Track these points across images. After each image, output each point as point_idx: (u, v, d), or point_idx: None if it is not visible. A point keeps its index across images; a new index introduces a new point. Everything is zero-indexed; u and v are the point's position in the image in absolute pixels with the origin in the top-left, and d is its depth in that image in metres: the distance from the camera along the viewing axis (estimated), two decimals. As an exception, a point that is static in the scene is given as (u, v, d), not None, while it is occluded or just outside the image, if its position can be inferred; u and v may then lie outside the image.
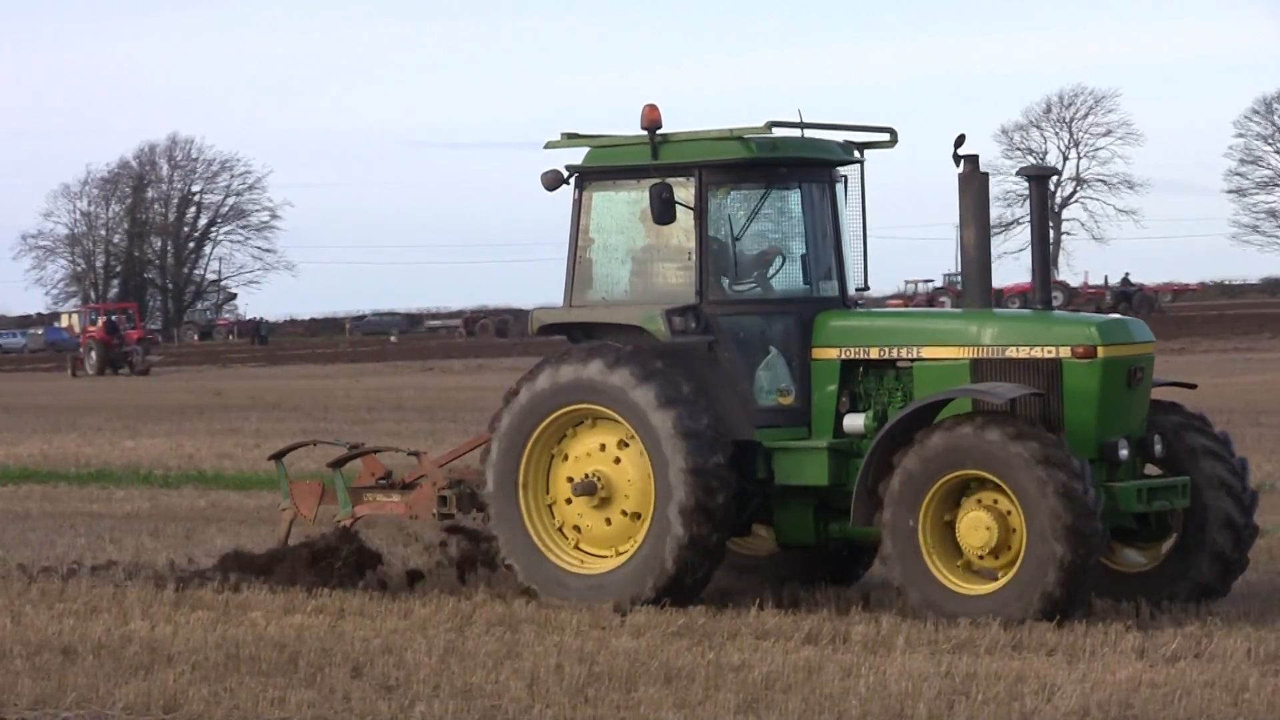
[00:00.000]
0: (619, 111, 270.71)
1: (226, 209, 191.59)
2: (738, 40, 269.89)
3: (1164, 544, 20.30)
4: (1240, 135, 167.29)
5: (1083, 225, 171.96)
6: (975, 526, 19.25)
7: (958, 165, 20.34)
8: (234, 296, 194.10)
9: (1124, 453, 19.69)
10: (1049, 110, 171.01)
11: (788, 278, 21.16)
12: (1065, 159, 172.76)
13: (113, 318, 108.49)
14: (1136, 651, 18.59)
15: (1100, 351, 19.63)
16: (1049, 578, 18.76)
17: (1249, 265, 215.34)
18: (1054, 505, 18.64)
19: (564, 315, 21.43)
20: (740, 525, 21.00)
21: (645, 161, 20.92)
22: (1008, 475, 18.97)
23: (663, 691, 17.26)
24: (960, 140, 20.23)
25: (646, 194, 20.75)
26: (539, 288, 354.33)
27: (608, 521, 20.68)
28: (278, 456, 24.11)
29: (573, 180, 21.34)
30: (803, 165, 21.11)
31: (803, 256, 21.21)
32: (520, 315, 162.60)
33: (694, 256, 20.79)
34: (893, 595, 19.76)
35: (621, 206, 21.32)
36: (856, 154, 21.34)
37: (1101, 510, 18.91)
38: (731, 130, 20.70)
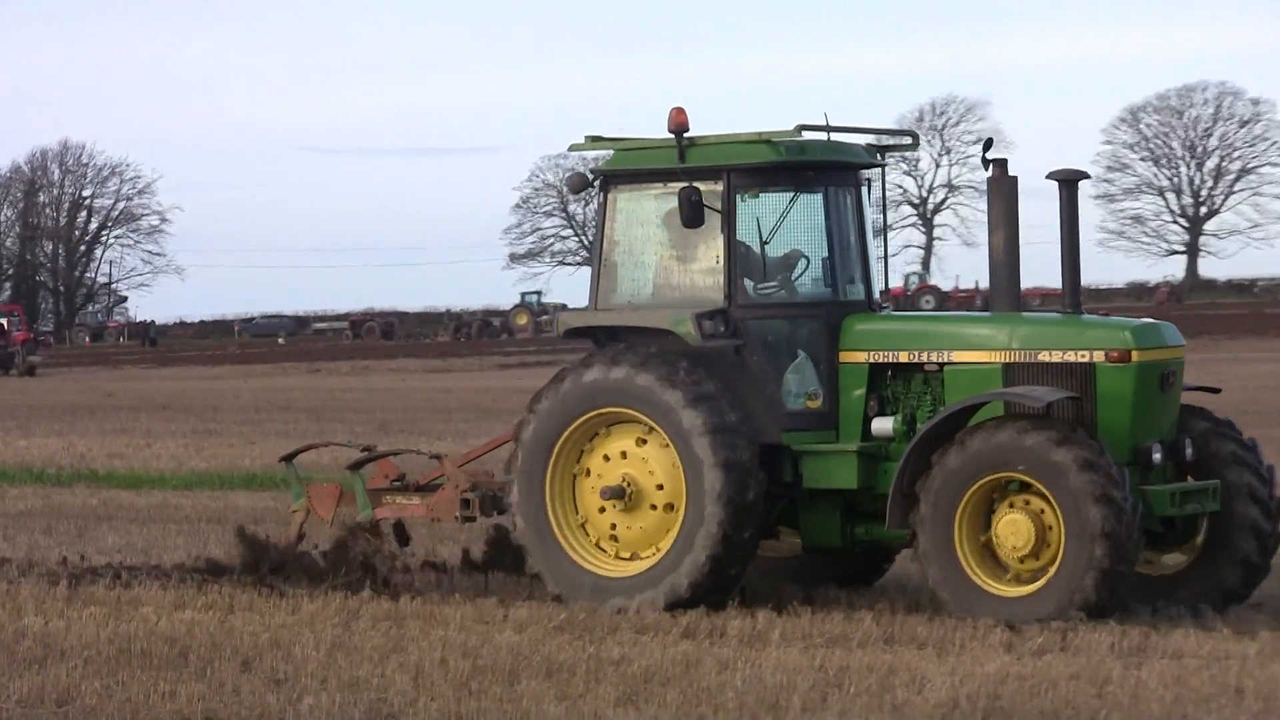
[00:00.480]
0: (518, 119, 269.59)
1: (117, 213, 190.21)
2: (621, 45, 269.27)
3: (1188, 548, 20.17)
4: (1108, 143, 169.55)
5: (954, 230, 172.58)
6: (1013, 529, 19.08)
7: (986, 169, 20.22)
8: (124, 299, 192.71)
9: (1157, 456, 19.53)
10: (921, 118, 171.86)
11: (814, 281, 20.91)
12: (938, 166, 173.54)
13: (0, 320, 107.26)
14: (1004, 645, 18.75)
15: (1134, 356, 19.51)
16: (1087, 582, 18.64)
17: (1115, 269, 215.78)
18: (1094, 511, 18.52)
19: (591, 319, 21.14)
20: (767, 527, 20.73)
21: (672, 165, 20.61)
22: (1049, 479, 18.79)
23: (544, 685, 17.31)
24: (989, 144, 20.13)
25: (673, 197, 20.51)
26: (423, 290, 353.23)
27: (640, 524, 20.55)
28: (289, 458, 23.89)
29: (598, 184, 21.03)
30: (830, 169, 20.87)
31: (829, 260, 20.92)
32: (405, 317, 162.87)
33: (721, 260, 20.47)
34: (926, 595, 19.87)
35: (647, 209, 20.99)
36: (879, 157, 21.04)
37: (1139, 516, 18.76)
38: (760, 134, 20.44)
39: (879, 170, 21.17)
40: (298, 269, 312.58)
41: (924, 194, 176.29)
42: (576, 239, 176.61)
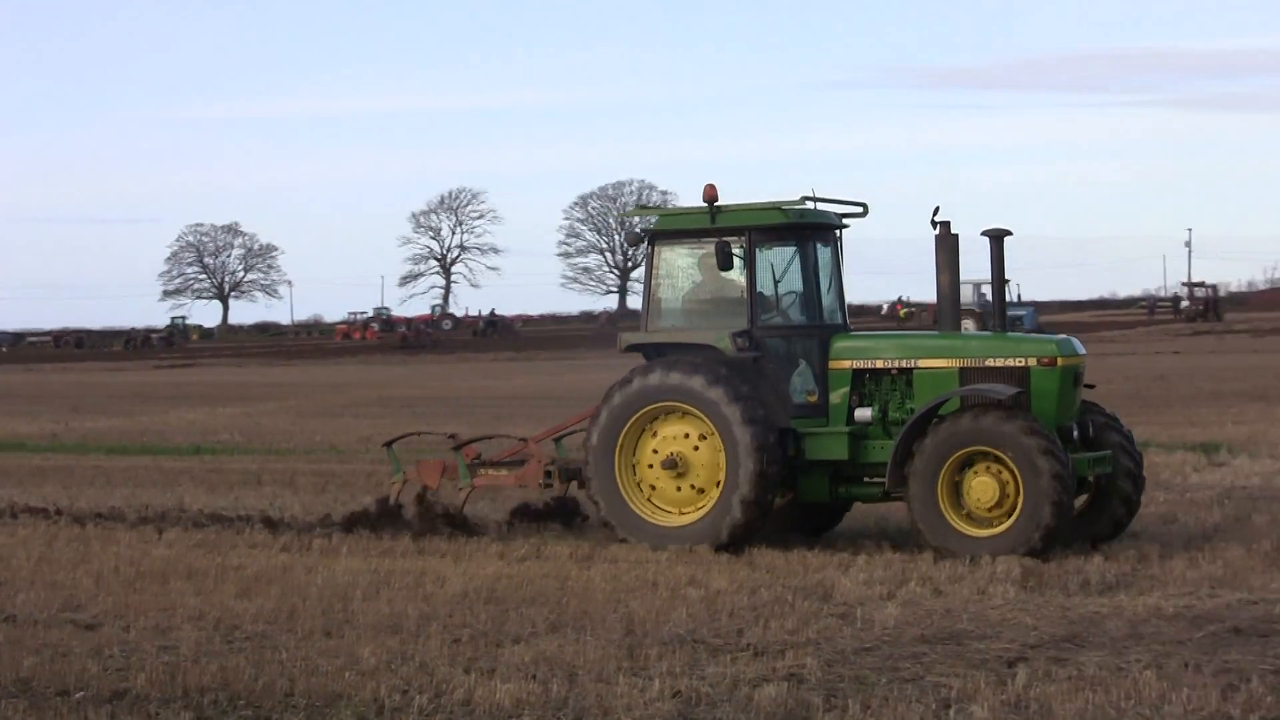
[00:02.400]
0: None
1: None
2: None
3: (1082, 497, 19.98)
4: (566, 219, 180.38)
5: (465, 277, 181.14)
6: (982, 488, 18.72)
7: (935, 229, 19.96)
8: None
9: (1075, 434, 19.53)
10: (443, 201, 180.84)
11: (809, 310, 20.59)
12: (453, 233, 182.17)
13: None
14: (498, 554, 19.60)
15: (1059, 361, 19.45)
16: (1046, 516, 18.34)
17: (572, 302, 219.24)
18: (1049, 481, 18.39)
19: (648, 337, 20.65)
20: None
21: (705, 225, 20.38)
22: (1017, 455, 18.53)
23: (186, 584, 17.92)
24: (936, 210, 20.02)
25: (705, 250, 20.45)
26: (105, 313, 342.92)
27: (678, 489, 19.96)
28: (389, 444, 23.11)
29: (647, 240, 20.77)
30: (821, 229, 20.71)
31: (821, 295, 20.64)
32: (92, 333, 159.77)
33: (745, 294, 20.21)
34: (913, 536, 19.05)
35: (684, 259, 20.77)
36: (844, 221, 21.11)
37: (1073, 470, 18.87)
38: (773, 203, 20.36)
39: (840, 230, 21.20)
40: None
41: (445, 251, 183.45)
42: (211, 281, 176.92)
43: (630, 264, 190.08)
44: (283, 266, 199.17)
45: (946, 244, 19.90)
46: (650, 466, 20.03)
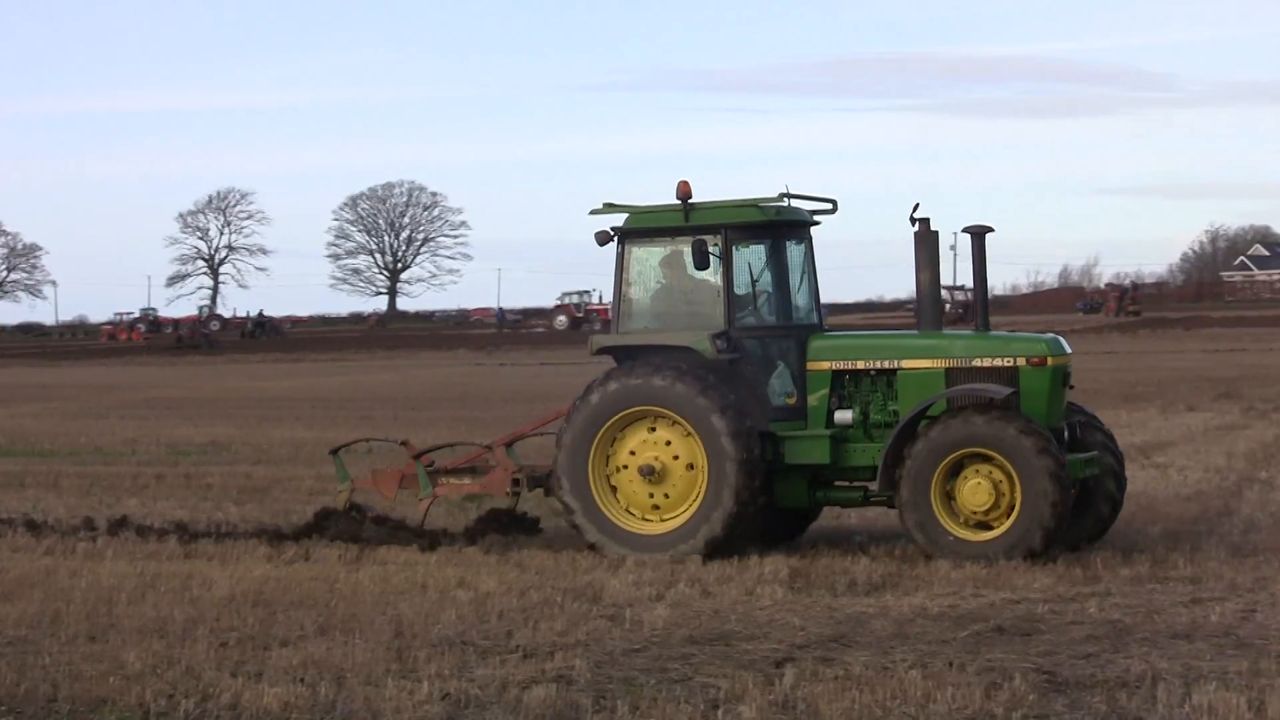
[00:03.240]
0: None
1: None
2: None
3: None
4: (336, 220, 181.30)
5: (233, 278, 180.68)
6: (976, 490, 18.23)
7: (914, 226, 19.40)
8: None
9: (1066, 435, 19.12)
10: (211, 201, 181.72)
11: (786, 310, 20.04)
12: (221, 234, 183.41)
13: None
14: (266, 557, 19.14)
15: (1049, 361, 18.93)
16: (1036, 534, 17.93)
17: (341, 304, 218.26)
18: (1047, 483, 17.93)
19: (620, 339, 19.92)
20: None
21: (679, 224, 19.67)
22: (1013, 456, 18.06)
23: None
24: (916, 207, 19.46)
25: (677, 249, 19.81)
26: None
27: (653, 496, 19.21)
28: (335, 451, 21.99)
29: (617, 239, 19.99)
30: (797, 226, 20.12)
31: (796, 294, 20.12)
32: None
33: (721, 294, 19.51)
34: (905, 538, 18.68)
35: (656, 259, 20.03)
36: (816, 218, 20.49)
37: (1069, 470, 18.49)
38: (750, 200, 19.67)
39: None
40: None
41: (213, 252, 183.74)
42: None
43: (401, 265, 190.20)
44: (46, 266, 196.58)
45: (926, 242, 19.36)
46: (624, 471, 19.29)
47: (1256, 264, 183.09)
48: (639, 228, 19.87)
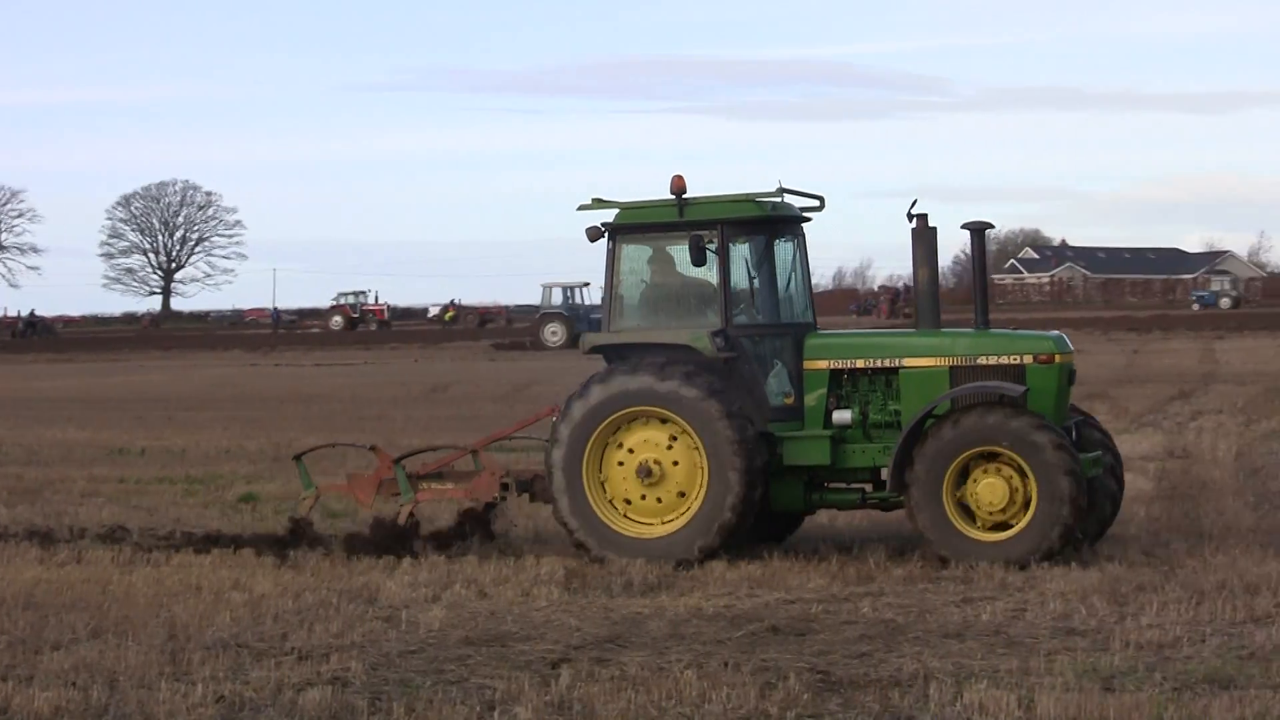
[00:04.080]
0: None
1: None
2: None
3: None
4: (109, 219, 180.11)
5: (4, 277, 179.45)
6: (990, 490, 17.80)
7: (911, 222, 18.99)
8: None
9: (1073, 434, 18.74)
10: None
11: (782, 307, 19.52)
12: None
13: None
14: (38, 560, 18.74)
15: (1057, 358, 18.57)
16: (1054, 534, 17.54)
17: (115, 303, 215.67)
18: (1064, 481, 17.55)
19: (614, 338, 19.29)
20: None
21: (673, 219, 19.14)
22: (1028, 454, 17.64)
23: None
24: (913, 203, 18.98)
25: (669, 244, 19.32)
26: None
27: (647, 498, 18.64)
28: (299, 456, 21.07)
29: (607, 235, 19.33)
30: (791, 221, 19.62)
31: (792, 291, 19.65)
32: None
33: (719, 292, 18.98)
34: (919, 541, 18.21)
35: (648, 255, 19.49)
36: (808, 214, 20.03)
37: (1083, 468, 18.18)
38: (746, 195, 19.10)
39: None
40: None
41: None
42: None
43: (175, 265, 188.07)
44: None
45: (924, 238, 18.98)
46: (619, 471, 18.72)
47: (1027, 267, 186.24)
48: (630, 223, 19.37)
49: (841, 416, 18.92)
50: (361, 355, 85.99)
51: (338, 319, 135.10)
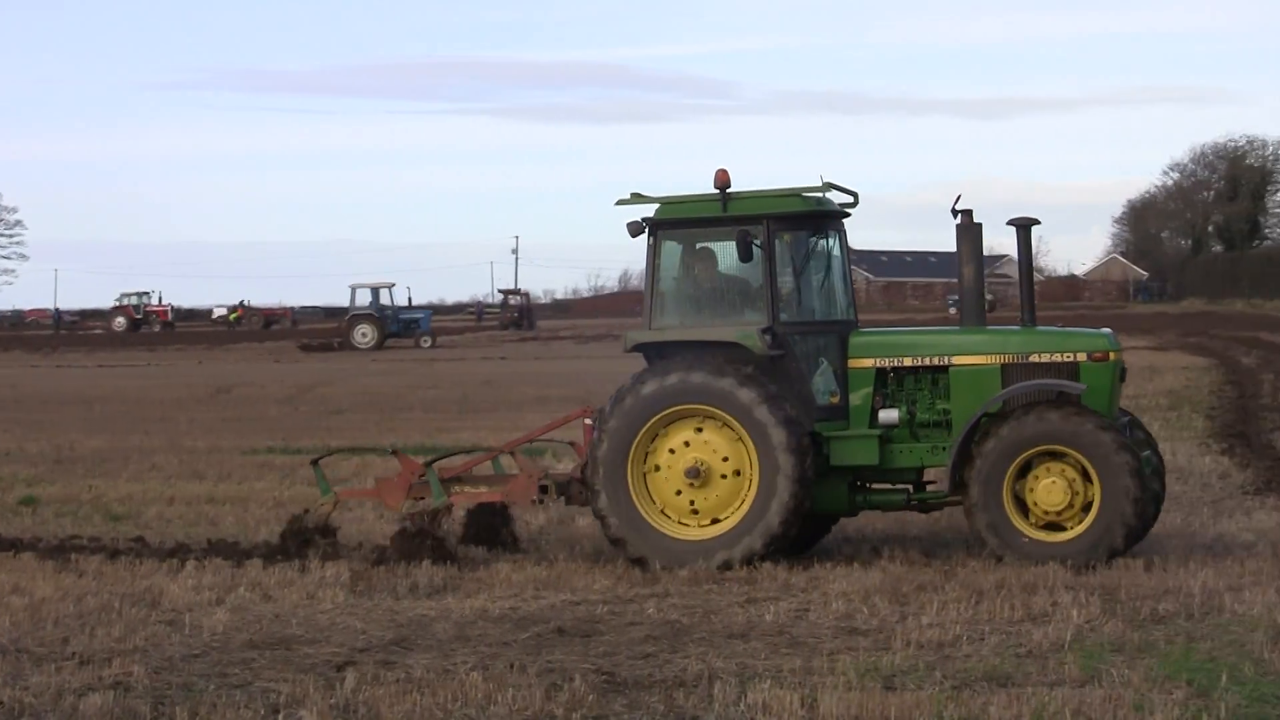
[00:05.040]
0: None
1: None
2: None
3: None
4: None
5: None
6: (1051, 489, 17.48)
7: (955, 218, 18.64)
8: None
9: (1127, 433, 18.39)
10: None
11: (827, 304, 19.12)
12: None
13: None
14: None
15: (1111, 355, 18.27)
16: (1118, 533, 17.30)
17: None
18: (1128, 480, 17.29)
19: (658, 335, 18.70)
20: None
21: (716, 214, 18.62)
22: (1092, 453, 17.35)
23: None
24: (957, 199, 18.65)
25: (714, 240, 18.82)
26: None
27: (702, 501, 18.14)
28: (316, 462, 20.25)
29: (648, 230, 18.82)
30: (834, 216, 19.13)
31: (835, 287, 19.19)
32: None
33: (766, 288, 18.50)
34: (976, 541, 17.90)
35: (690, 250, 18.95)
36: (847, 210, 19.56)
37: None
38: (792, 189, 18.67)
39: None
40: None
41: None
42: None
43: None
44: None
45: (969, 234, 18.64)
46: (660, 473, 18.25)
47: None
48: (671, 218, 18.86)
49: (888, 415, 18.58)
50: (145, 356, 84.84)
51: (120, 320, 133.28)
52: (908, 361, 18.66)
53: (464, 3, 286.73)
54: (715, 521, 18.18)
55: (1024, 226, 18.88)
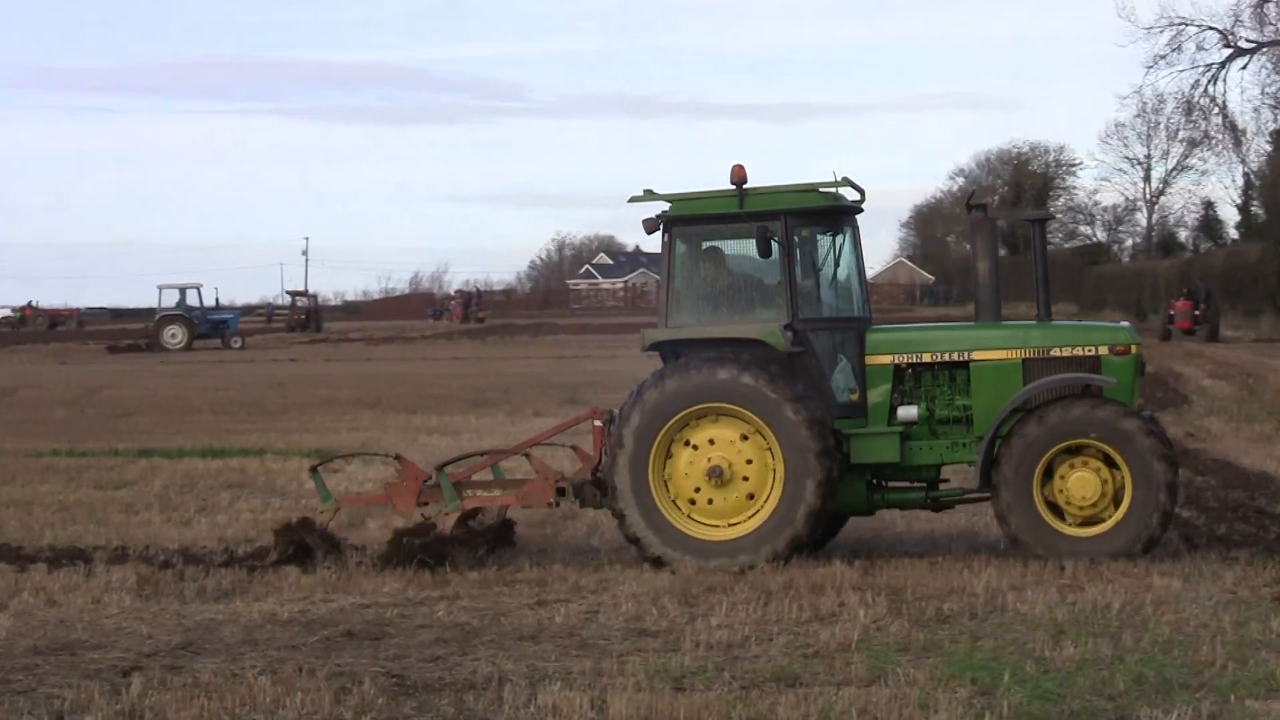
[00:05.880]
0: None
1: None
2: None
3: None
4: None
5: None
6: (1082, 484, 17.39)
7: (969, 213, 18.62)
8: None
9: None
10: None
11: (844, 300, 18.88)
12: None
13: None
14: None
15: (1133, 349, 18.16)
16: (1154, 521, 17.28)
17: None
18: (1158, 466, 17.29)
19: (675, 333, 18.37)
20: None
21: (732, 210, 18.29)
22: (1118, 443, 17.35)
23: None
24: (972, 194, 18.54)
25: (730, 236, 18.60)
26: None
27: (724, 500, 17.83)
28: (315, 469, 19.44)
29: (663, 227, 18.44)
30: (849, 212, 18.84)
31: (850, 283, 18.88)
32: None
33: (785, 284, 18.21)
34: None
35: (707, 247, 18.65)
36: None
37: None
38: (809, 184, 18.38)
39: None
40: None
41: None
42: None
43: None
44: None
45: (985, 229, 18.61)
46: (686, 471, 17.92)
47: (601, 272, 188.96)
48: (686, 215, 18.53)
49: (907, 412, 18.39)
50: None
51: None
52: (926, 357, 18.51)
53: (255, 2, 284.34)
54: (737, 522, 17.95)
55: (1039, 221, 19.10)
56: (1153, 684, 12.31)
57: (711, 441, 17.96)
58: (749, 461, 17.91)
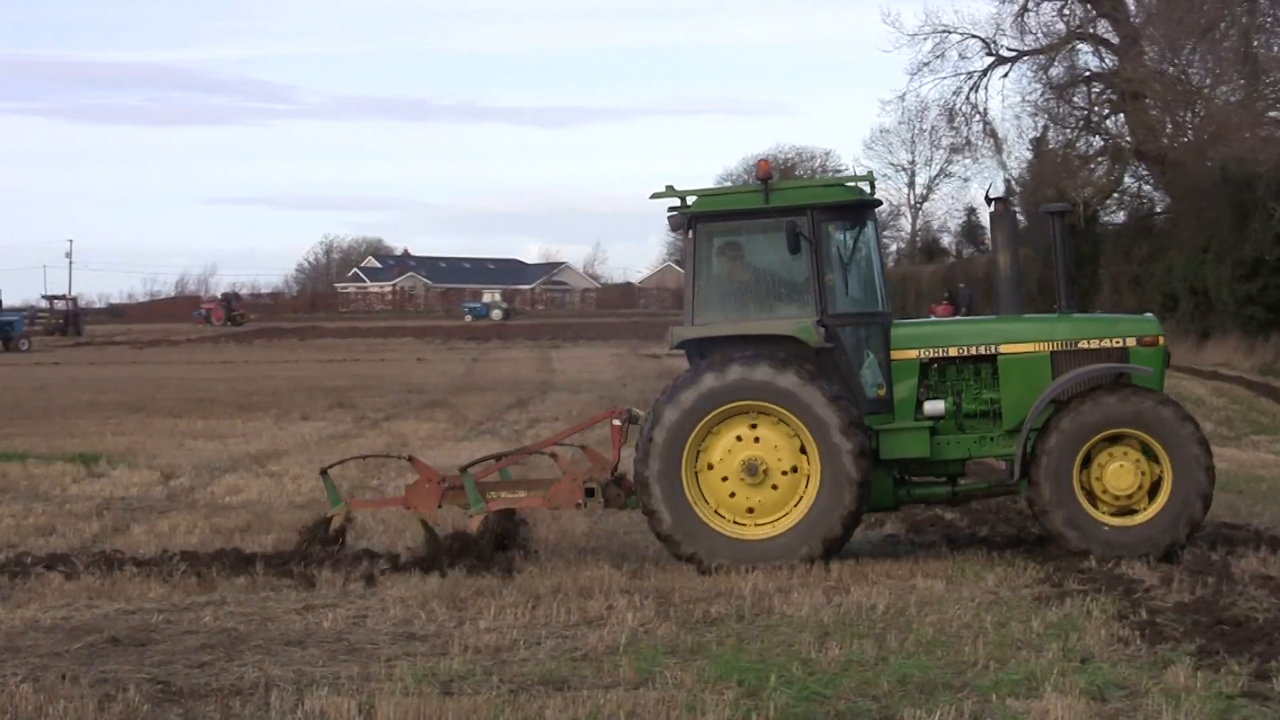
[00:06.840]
0: None
1: None
2: None
3: None
4: None
5: None
6: (1120, 474, 17.38)
7: (990, 206, 18.42)
8: None
9: None
10: None
11: (870, 295, 18.59)
12: None
13: None
14: None
15: (1160, 340, 18.14)
16: (1196, 505, 17.29)
17: None
18: (1196, 450, 17.33)
19: (704, 330, 18.10)
20: None
21: (758, 205, 18.09)
22: (1157, 430, 17.35)
23: None
24: (991, 186, 17.73)
25: (756, 232, 18.32)
26: None
27: (758, 500, 17.63)
28: (325, 471, 19.05)
29: (688, 223, 18.18)
30: (871, 206, 18.51)
31: (874, 278, 18.63)
32: None
33: (813, 280, 18.02)
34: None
35: (731, 243, 18.38)
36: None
37: None
38: (836, 179, 18.61)
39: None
40: None
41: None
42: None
43: None
44: None
45: (1004, 222, 18.48)
46: (712, 472, 17.68)
47: (369, 275, 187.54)
48: (712, 210, 18.33)
49: (933, 407, 18.29)
50: None
51: None
52: (953, 352, 18.46)
53: (20, 1, 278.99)
54: (770, 521, 17.79)
55: (1059, 214, 19.09)
56: (916, 684, 12.49)
57: (740, 439, 17.76)
58: (784, 459, 17.79)
